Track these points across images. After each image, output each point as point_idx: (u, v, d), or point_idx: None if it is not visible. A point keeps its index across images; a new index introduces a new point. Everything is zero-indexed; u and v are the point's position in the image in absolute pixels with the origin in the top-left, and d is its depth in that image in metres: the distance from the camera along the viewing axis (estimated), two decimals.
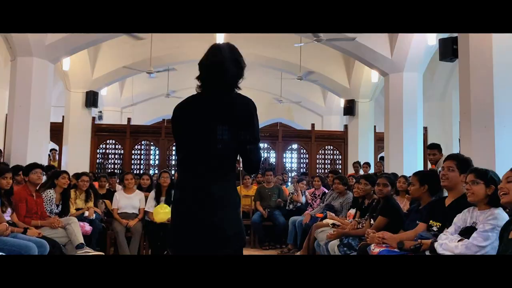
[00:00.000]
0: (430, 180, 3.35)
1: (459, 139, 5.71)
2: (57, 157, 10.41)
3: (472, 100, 5.16)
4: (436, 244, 2.61)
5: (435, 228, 2.94)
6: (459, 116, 5.58)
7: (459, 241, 2.50)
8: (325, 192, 6.34)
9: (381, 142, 8.93)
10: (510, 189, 2.30)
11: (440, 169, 4.42)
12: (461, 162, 2.97)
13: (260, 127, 2.00)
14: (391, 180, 3.98)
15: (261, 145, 11.15)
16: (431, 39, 6.82)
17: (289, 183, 9.58)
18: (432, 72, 9.66)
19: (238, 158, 1.95)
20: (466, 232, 2.54)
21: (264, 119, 14.63)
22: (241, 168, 2.00)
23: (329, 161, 11.30)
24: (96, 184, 6.38)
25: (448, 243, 2.53)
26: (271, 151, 11.49)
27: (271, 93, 13.73)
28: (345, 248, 3.77)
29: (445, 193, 3.17)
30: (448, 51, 5.79)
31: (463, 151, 5.33)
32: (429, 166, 5.80)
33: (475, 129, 5.15)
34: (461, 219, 2.67)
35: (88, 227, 4.76)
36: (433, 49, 7.18)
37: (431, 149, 5.46)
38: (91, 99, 9.95)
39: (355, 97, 10.47)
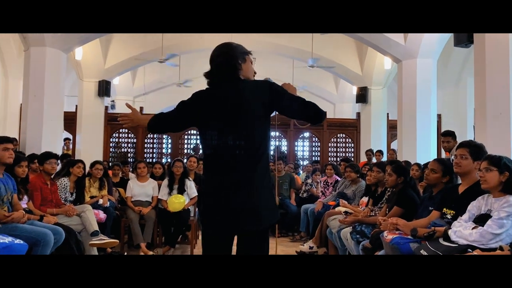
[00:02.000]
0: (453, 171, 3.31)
1: (474, 126, 5.62)
2: (70, 146, 10.53)
3: (487, 86, 5.07)
4: (450, 232, 2.59)
5: (449, 216, 2.92)
6: (474, 103, 5.49)
7: (473, 228, 2.48)
8: (337, 180, 6.33)
9: (394, 130, 8.85)
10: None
11: (453, 157, 4.38)
12: (474, 149, 2.93)
13: (271, 115, 2.05)
14: (400, 169, 3.95)
15: (272, 133, 11.30)
16: None
17: (301, 171, 9.57)
18: (447, 58, 9.50)
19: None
20: (481, 220, 2.52)
21: None
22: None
23: (341, 149, 11.24)
24: (109, 172, 6.46)
25: (463, 230, 2.51)
26: (283, 139, 11.46)
27: (282, 81, 13.62)
28: (357, 236, 3.76)
29: (459, 180, 3.14)
30: (463, 37, 5.67)
31: (477, 138, 5.26)
32: (443, 153, 5.74)
33: (490, 116, 5.06)
34: (475, 207, 2.65)
35: (102, 215, 4.82)
36: (447, 35, 7.05)
37: (445, 137, 5.40)
38: (104, 88, 10.02)
39: (367, 84, 10.36)
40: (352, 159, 9.93)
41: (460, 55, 9.54)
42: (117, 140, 11.03)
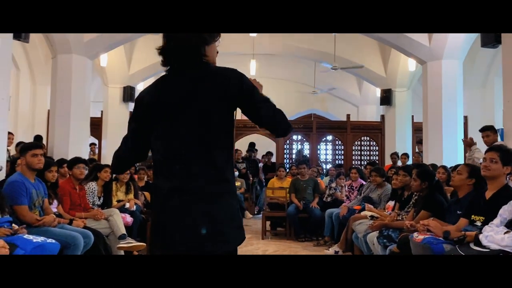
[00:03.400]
0: (479, 175, 3.25)
1: (502, 128, 5.50)
2: (96, 150, 10.73)
3: None
4: (481, 236, 2.54)
5: (478, 223, 2.86)
6: (503, 104, 5.37)
7: (505, 233, 2.42)
8: (362, 184, 6.27)
9: (419, 132, 8.69)
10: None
11: (481, 160, 4.29)
12: (505, 154, 2.87)
13: (293, 118, 1.86)
14: (425, 174, 3.91)
15: (295, 136, 11.27)
16: None
17: (324, 175, 9.51)
18: (473, 59, 9.30)
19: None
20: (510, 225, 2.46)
21: (297, 110, 14.54)
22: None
23: (365, 152, 11.13)
24: (135, 177, 6.55)
25: (494, 235, 2.45)
26: (305, 142, 11.42)
27: (304, 83, 13.62)
28: (384, 240, 3.72)
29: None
30: (490, 37, 5.55)
31: (506, 140, 5.14)
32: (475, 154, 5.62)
33: None
34: (507, 211, 2.59)
35: (129, 218, 4.89)
36: (473, 36, 6.91)
37: (484, 131, 5.32)
38: (128, 94, 10.19)
39: (391, 87, 10.23)
40: (377, 162, 9.81)
41: (487, 55, 9.34)
42: None
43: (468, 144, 5.75)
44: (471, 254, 2.44)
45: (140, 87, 12.29)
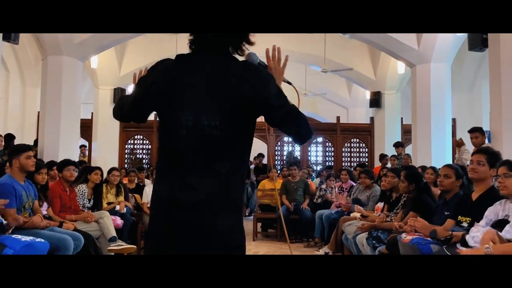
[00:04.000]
0: (466, 175, 3.31)
1: (489, 131, 5.60)
2: (86, 152, 10.68)
3: (503, 90, 5.05)
4: (467, 237, 2.59)
5: (465, 224, 2.92)
6: (490, 107, 5.46)
7: None
8: (352, 185, 6.32)
9: (408, 134, 8.80)
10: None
11: (468, 162, 4.36)
12: (491, 156, 2.93)
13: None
14: (412, 176, 3.97)
15: (285, 138, 11.33)
16: None
17: (314, 177, 9.57)
18: (461, 62, 9.44)
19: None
20: (498, 225, 2.51)
21: None
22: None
23: (355, 154, 11.21)
24: (125, 179, 6.55)
25: (480, 235, 2.51)
26: (295, 144, 11.48)
27: (295, 86, 13.68)
28: (374, 241, 3.76)
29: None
30: (477, 41, 5.65)
31: (493, 143, 5.23)
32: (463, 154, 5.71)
33: (506, 120, 5.03)
34: (492, 212, 2.64)
35: (119, 221, 4.89)
36: (461, 39, 7.02)
37: (472, 133, 5.43)
38: (119, 95, 10.17)
39: (381, 89, 10.33)
40: (366, 164, 9.89)
41: (474, 59, 9.48)
42: (132, 146, 11.16)
43: (458, 144, 5.86)
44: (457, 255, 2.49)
45: (130, 89, 12.27)
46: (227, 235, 1.45)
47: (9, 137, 7.59)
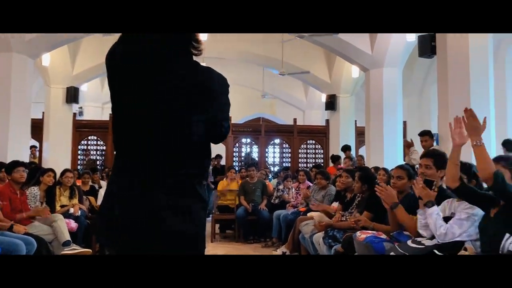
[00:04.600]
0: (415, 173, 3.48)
1: (438, 133, 5.90)
2: (37, 153, 10.27)
3: (449, 95, 5.34)
4: (430, 211, 2.68)
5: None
6: (438, 111, 5.76)
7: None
8: (309, 186, 6.46)
9: (362, 136, 9.09)
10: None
11: (417, 165, 4.58)
12: (437, 158, 3.08)
13: (242, 122, 1.73)
14: (365, 177, 4.12)
15: (244, 139, 11.39)
16: (410, 36, 6.98)
17: (271, 177, 9.68)
18: (411, 67, 9.86)
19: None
20: (445, 222, 2.66)
21: (246, 113, 14.68)
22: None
23: (311, 155, 11.44)
24: (78, 181, 6.36)
25: (439, 220, 2.60)
26: (254, 146, 11.57)
27: (253, 88, 13.79)
28: (330, 240, 3.88)
29: None
30: (426, 48, 5.94)
31: (441, 145, 5.52)
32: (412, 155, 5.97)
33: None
34: (440, 210, 2.80)
35: (73, 224, 4.76)
36: (412, 45, 7.35)
37: (422, 136, 5.78)
38: (72, 95, 9.83)
39: (336, 92, 10.61)
40: (322, 165, 10.12)
41: (423, 65, 9.93)
42: (85, 147, 10.83)
43: (407, 145, 6.15)
44: (403, 254, 2.60)
45: (84, 88, 11.92)
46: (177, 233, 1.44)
47: None
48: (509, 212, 2.25)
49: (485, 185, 2.57)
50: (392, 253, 2.69)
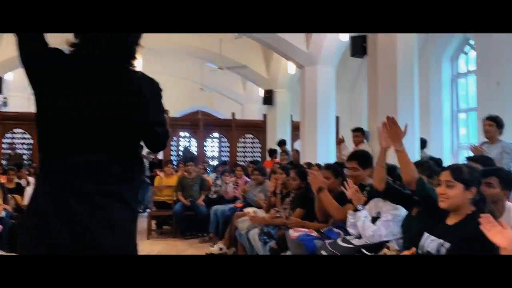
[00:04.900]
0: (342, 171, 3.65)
1: (367, 129, 6.22)
2: None
3: (379, 94, 5.63)
4: (349, 228, 2.85)
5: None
6: (368, 108, 6.06)
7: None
8: (247, 181, 6.55)
9: (298, 131, 9.34)
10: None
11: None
12: (361, 158, 3.28)
13: (180, 115, 1.74)
14: (303, 174, 4.25)
15: (182, 133, 11.25)
16: (344, 36, 7.25)
17: (210, 172, 9.68)
18: (344, 65, 10.23)
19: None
20: (373, 221, 2.83)
21: (185, 106, 14.50)
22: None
23: (249, 149, 11.57)
24: (2, 178, 5.99)
25: (365, 222, 2.75)
26: (192, 139, 11.48)
27: (192, 80, 13.65)
28: (265, 237, 3.97)
29: None
30: (358, 48, 6.22)
31: (370, 142, 5.83)
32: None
33: (381, 120, 5.61)
34: (367, 210, 2.96)
35: None
36: (345, 45, 7.64)
37: (356, 132, 6.10)
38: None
39: (273, 87, 10.79)
40: (259, 160, 10.27)
41: (356, 63, 10.35)
42: (11, 141, 10.17)
43: (339, 141, 6.46)
44: (334, 253, 2.74)
45: (8, 77, 11.16)
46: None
47: None
48: (429, 212, 2.44)
49: None
50: (323, 252, 2.81)
